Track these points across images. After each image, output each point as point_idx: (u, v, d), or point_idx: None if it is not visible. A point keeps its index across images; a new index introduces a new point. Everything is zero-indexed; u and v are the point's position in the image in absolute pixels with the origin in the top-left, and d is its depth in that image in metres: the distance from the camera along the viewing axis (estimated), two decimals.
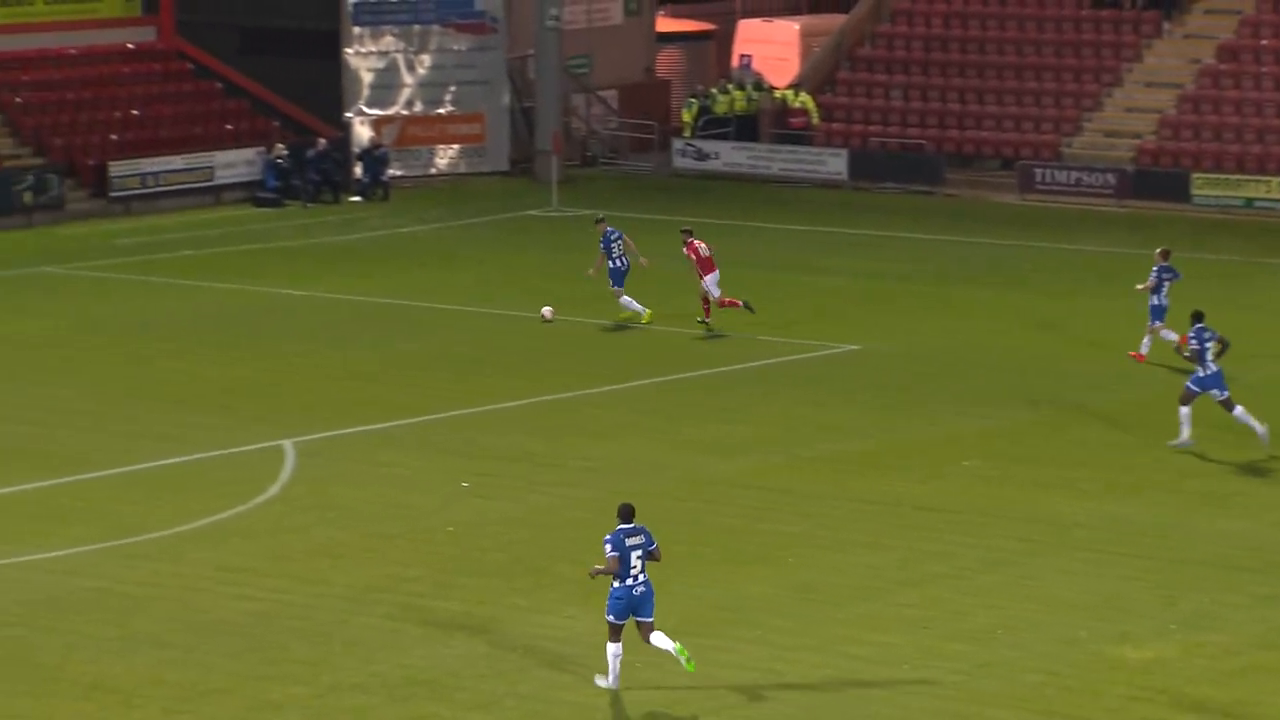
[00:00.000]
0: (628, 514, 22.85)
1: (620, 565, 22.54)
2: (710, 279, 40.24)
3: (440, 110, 60.90)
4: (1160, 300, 37.13)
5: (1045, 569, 26.82)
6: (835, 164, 59.19)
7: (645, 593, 22.67)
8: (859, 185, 58.54)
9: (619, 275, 41.03)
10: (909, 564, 27.01)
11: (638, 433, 33.39)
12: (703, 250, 40.36)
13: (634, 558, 22.60)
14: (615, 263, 40.98)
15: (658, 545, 22.88)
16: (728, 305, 40.25)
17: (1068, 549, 27.66)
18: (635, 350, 39.40)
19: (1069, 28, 61.21)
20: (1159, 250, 37.99)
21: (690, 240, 40.61)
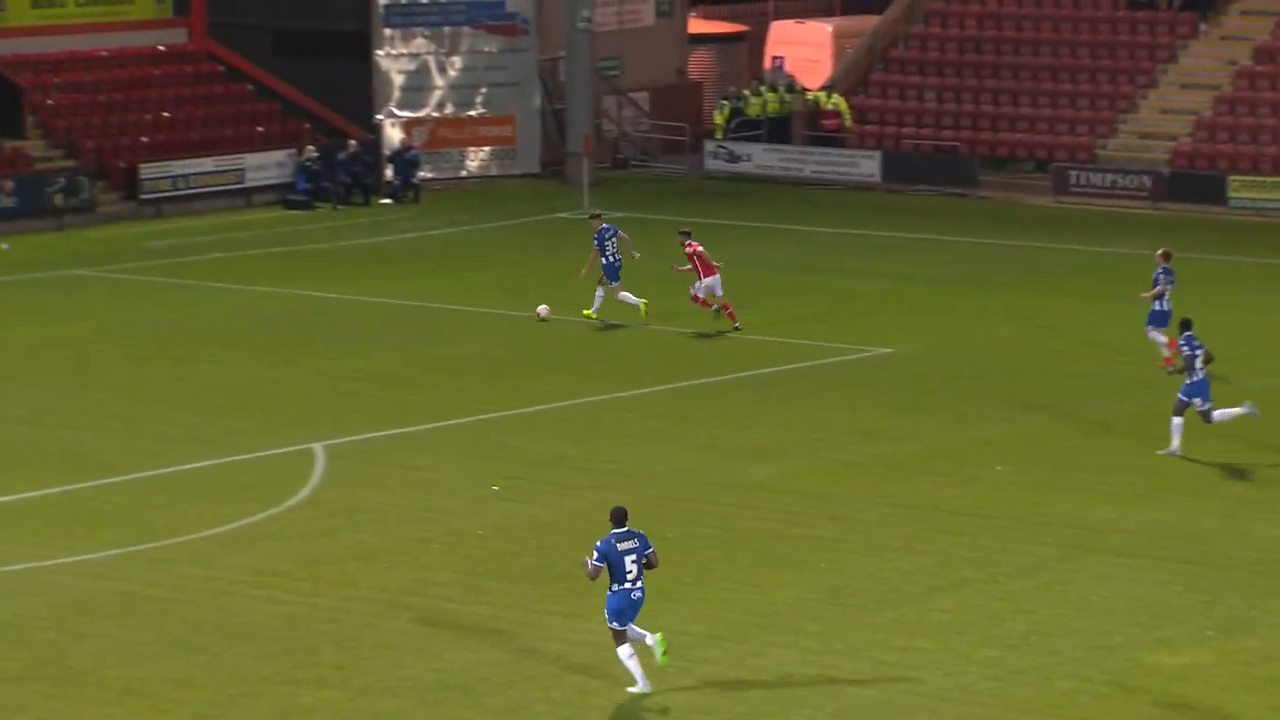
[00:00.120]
0: (620, 517, 22.58)
1: (614, 570, 22.20)
2: (708, 282, 40.28)
3: (471, 112, 60.86)
4: (1162, 305, 36.90)
5: (1079, 574, 26.66)
6: (868, 166, 59.02)
7: (640, 599, 22.42)
8: (892, 187, 58.36)
9: (613, 271, 41.11)
10: (942, 569, 26.85)
11: (670, 437, 33.27)
12: (702, 252, 40.53)
13: (629, 562, 22.30)
14: (609, 259, 41.09)
15: (654, 550, 22.67)
16: (701, 305, 40.46)
17: (1102, 554, 27.49)
18: (668, 354, 39.29)
19: (1104, 29, 60.97)
20: (1160, 252, 37.80)
21: (690, 242, 40.70)
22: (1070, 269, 47.82)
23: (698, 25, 69.08)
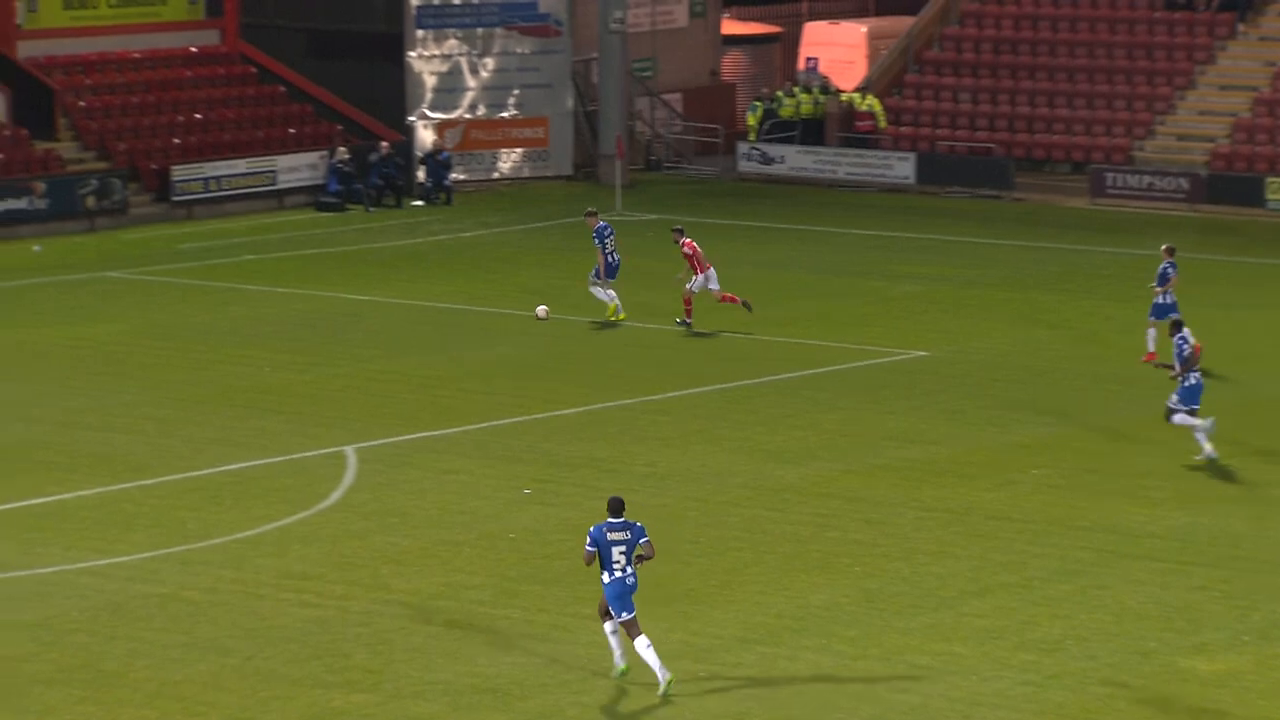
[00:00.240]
0: (616, 508, 22.75)
1: (602, 559, 22.49)
2: (704, 277, 40.15)
3: (503, 114, 60.79)
4: (1166, 299, 36.86)
5: (1116, 578, 26.48)
6: (902, 168, 58.83)
7: (633, 585, 22.58)
8: (926, 189, 58.17)
9: (611, 270, 41.21)
10: (977, 573, 26.70)
11: (703, 439, 33.14)
12: (697, 248, 40.40)
13: (616, 552, 22.47)
14: (609, 257, 41.02)
15: (649, 541, 22.72)
16: (731, 300, 40.31)
17: (1138, 558, 27.32)
18: (701, 356, 39.16)
19: (1141, 30, 60.69)
20: (1164, 247, 37.69)
21: (684, 239, 40.58)
22: (1107, 272, 47.58)
23: (731, 26, 68.93)
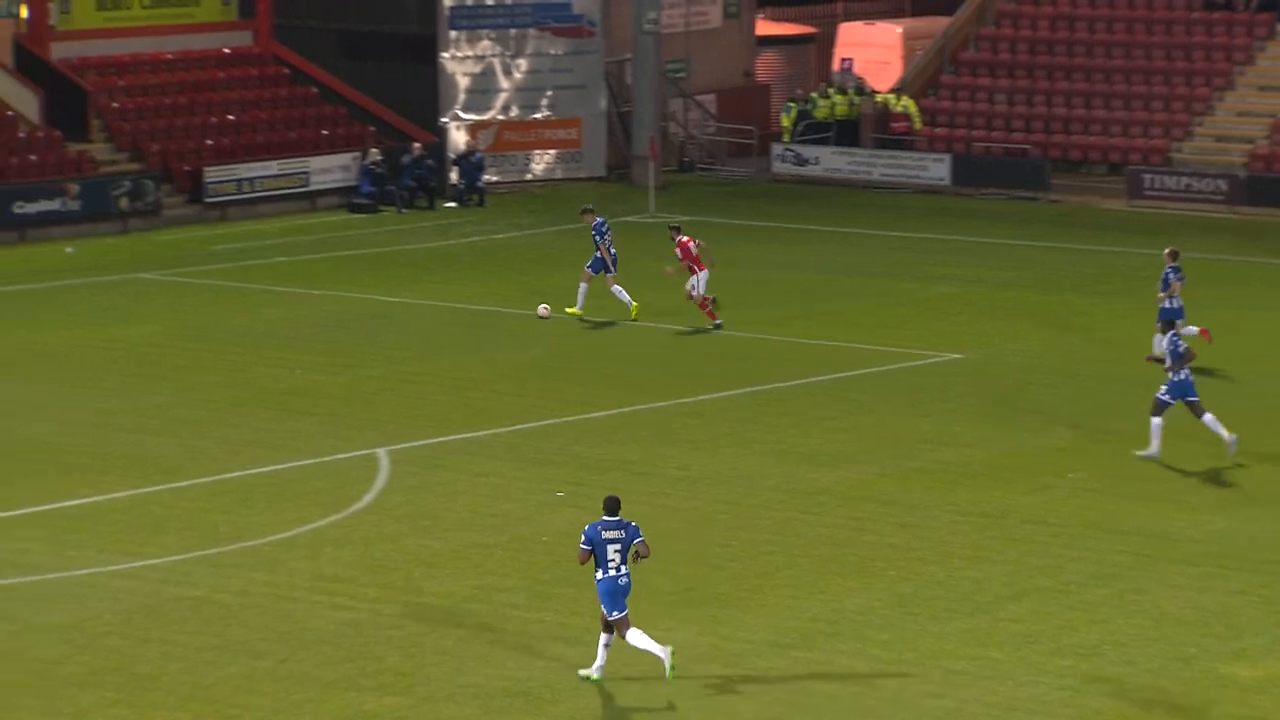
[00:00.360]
0: (612, 506, 22.82)
1: (597, 557, 22.54)
2: (699, 277, 40.02)
3: (536, 115, 60.71)
4: (1173, 303, 36.67)
5: (1154, 583, 26.29)
6: (938, 169, 58.62)
7: (627, 584, 22.60)
8: (961, 191, 57.96)
9: (603, 264, 41.29)
10: (1013, 577, 26.52)
11: (735, 442, 32.99)
12: (693, 248, 40.19)
13: (610, 550, 22.56)
14: (608, 252, 41.08)
15: (645, 541, 22.77)
16: (703, 307, 40.17)
17: (1176, 563, 27.12)
18: (733, 359, 39.02)
19: (1179, 30, 60.40)
20: (1167, 251, 37.51)
21: (680, 238, 40.43)
22: (1144, 274, 47.27)
23: (765, 27, 68.77)
